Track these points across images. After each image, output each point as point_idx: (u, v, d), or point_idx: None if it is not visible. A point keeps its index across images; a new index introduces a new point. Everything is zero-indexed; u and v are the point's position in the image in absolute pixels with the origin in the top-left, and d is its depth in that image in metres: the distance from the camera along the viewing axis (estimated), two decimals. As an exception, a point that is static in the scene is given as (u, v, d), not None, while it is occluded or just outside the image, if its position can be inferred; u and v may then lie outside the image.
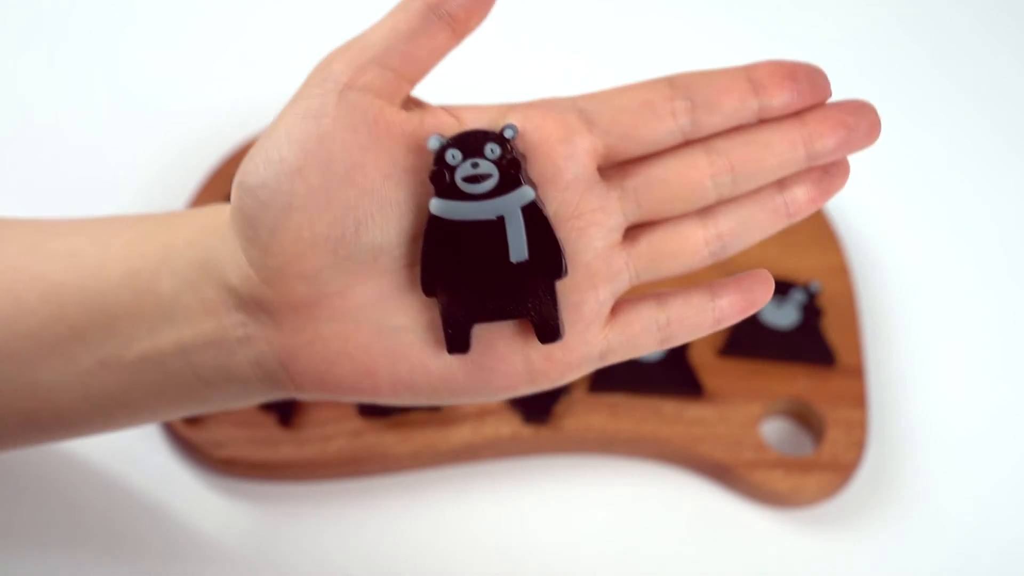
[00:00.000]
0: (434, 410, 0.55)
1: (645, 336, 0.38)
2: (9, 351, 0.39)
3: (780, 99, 0.36)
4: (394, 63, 0.36)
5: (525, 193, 0.35)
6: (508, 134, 0.35)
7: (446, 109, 0.37)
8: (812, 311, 0.59)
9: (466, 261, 0.36)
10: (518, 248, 0.35)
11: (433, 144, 0.35)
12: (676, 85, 0.36)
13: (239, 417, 0.55)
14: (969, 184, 0.68)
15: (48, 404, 0.40)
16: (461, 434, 0.55)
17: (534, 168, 0.36)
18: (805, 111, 0.37)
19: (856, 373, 0.58)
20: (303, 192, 0.34)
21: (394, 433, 0.55)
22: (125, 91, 0.69)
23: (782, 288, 0.59)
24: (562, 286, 0.36)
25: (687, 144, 0.37)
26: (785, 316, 0.58)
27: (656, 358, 0.57)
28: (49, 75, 0.69)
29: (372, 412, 0.55)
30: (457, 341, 0.36)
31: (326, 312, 0.36)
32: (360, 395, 0.37)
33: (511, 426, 0.55)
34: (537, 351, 0.37)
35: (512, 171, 0.35)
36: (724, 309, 0.38)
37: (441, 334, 0.36)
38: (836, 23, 0.76)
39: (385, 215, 0.35)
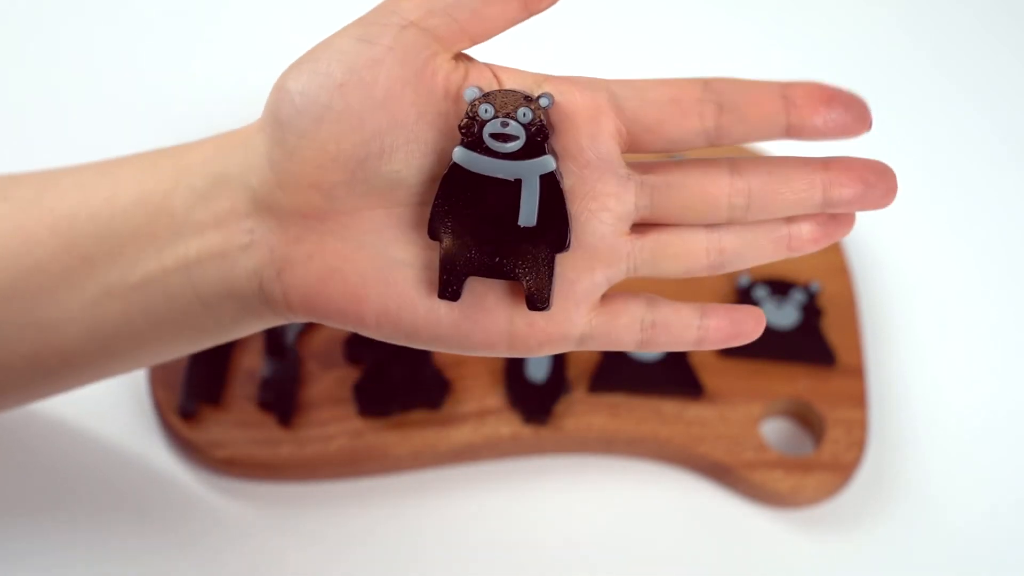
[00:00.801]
0: (434, 410, 0.55)
1: (627, 332, 0.38)
2: (16, 288, 0.40)
3: (812, 122, 0.36)
4: (462, 17, 0.36)
5: (547, 162, 0.36)
6: (543, 103, 0.36)
7: (490, 67, 0.38)
8: (812, 311, 0.59)
9: (476, 214, 0.36)
10: (528, 214, 0.36)
11: (469, 95, 0.36)
12: (709, 88, 0.37)
13: (239, 417, 0.55)
14: (969, 184, 0.68)
15: (53, 343, 0.41)
16: (461, 434, 0.55)
17: (559, 141, 0.37)
18: (832, 159, 0.38)
19: (856, 373, 0.58)
20: (339, 108, 0.35)
21: (394, 433, 0.55)
22: (126, 84, 0.69)
23: (782, 288, 0.59)
24: (561, 260, 0.37)
25: (713, 161, 0.38)
26: (785, 316, 0.58)
27: (656, 358, 0.57)
28: (48, 69, 0.69)
29: (372, 412, 0.55)
30: (449, 287, 0.37)
31: (332, 228, 0.37)
32: (345, 321, 0.38)
33: (511, 426, 0.55)
34: (522, 317, 0.37)
35: (538, 138, 0.36)
36: (709, 330, 0.39)
37: (436, 277, 0.37)
38: (835, 24, 0.76)
39: (410, 150, 0.36)
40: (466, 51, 0.38)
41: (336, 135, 0.36)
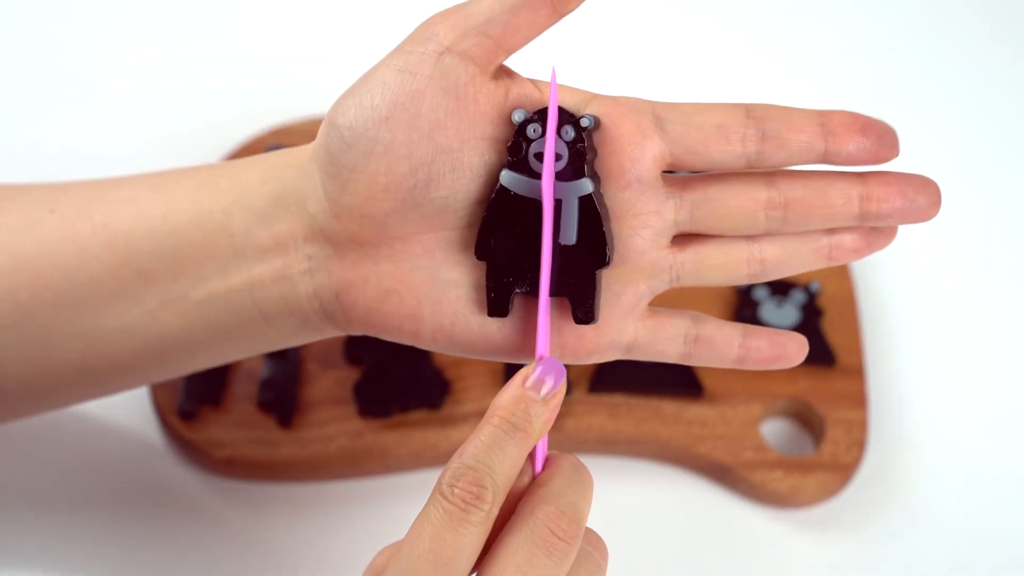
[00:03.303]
0: (434, 410, 0.55)
1: (671, 344, 0.40)
2: (68, 298, 0.41)
3: (846, 149, 0.38)
4: (494, 32, 0.37)
5: (583, 185, 0.37)
6: (584, 123, 0.37)
7: (533, 82, 0.39)
8: (812, 311, 0.59)
9: (522, 233, 0.38)
10: (567, 233, 0.38)
11: (517, 117, 0.37)
12: (752, 114, 0.38)
13: (239, 417, 0.55)
14: (968, 185, 0.68)
15: (105, 351, 0.42)
16: (461, 434, 0.55)
17: (603, 161, 0.38)
18: (869, 173, 0.39)
19: (856, 373, 0.58)
20: (386, 140, 0.37)
21: (394, 433, 0.55)
22: (130, 85, 0.69)
23: (782, 288, 0.59)
24: (606, 275, 0.38)
25: (750, 175, 0.39)
26: (785, 316, 0.58)
27: (656, 358, 0.57)
28: (52, 71, 0.69)
29: (372, 412, 0.55)
30: (497, 305, 0.38)
31: (386, 253, 0.39)
32: (402, 336, 0.40)
33: (511, 426, 0.55)
34: (571, 329, 0.39)
35: (578, 161, 0.37)
36: (750, 351, 0.40)
37: (485, 296, 0.39)
38: (833, 28, 0.76)
39: (456, 176, 0.38)
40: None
41: (385, 167, 0.37)
